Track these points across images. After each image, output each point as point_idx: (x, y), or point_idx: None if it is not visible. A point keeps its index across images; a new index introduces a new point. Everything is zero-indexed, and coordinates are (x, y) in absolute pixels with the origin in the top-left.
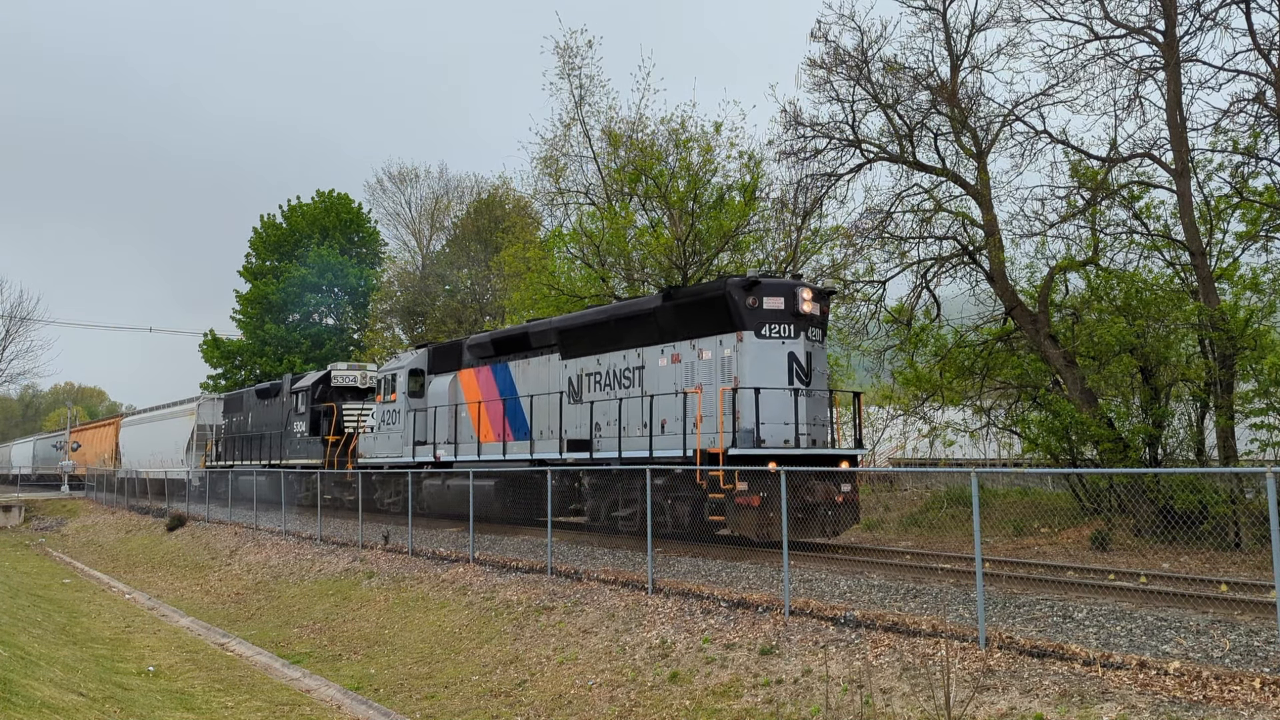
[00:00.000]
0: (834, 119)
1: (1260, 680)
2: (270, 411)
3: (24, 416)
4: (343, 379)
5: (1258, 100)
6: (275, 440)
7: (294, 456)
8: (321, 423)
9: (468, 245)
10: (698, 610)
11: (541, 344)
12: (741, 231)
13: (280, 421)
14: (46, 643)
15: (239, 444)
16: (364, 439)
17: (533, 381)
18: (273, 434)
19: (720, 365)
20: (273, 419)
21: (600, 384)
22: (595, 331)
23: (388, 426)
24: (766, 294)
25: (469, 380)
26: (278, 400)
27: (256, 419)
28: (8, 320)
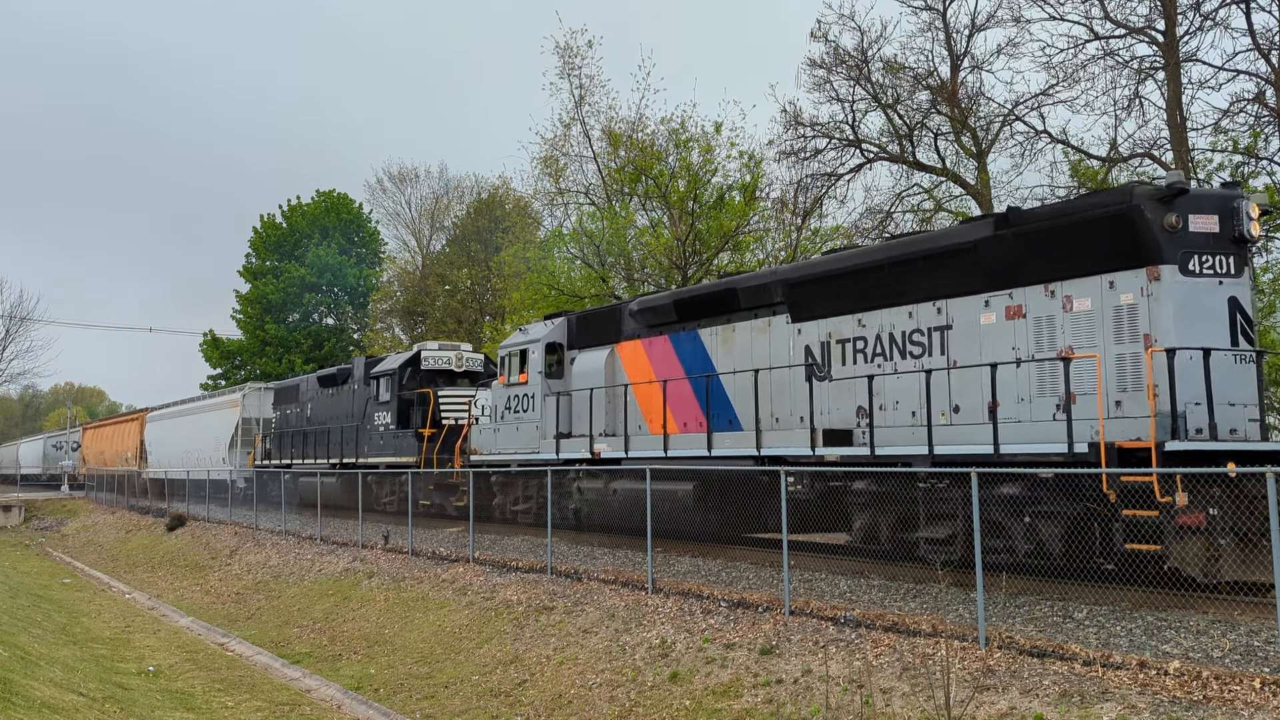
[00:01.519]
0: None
1: (1260, 680)
2: (337, 402)
3: (24, 416)
4: (434, 361)
5: (1258, 100)
6: (348, 435)
7: (375, 454)
8: (413, 413)
9: (468, 245)
10: (698, 610)
11: (756, 302)
12: (741, 231)
13: (350, 412)
14: (46, 643)
15: (295, 440)
16: (479, 431)
17: (740, 353)
18: (344, 428)
19: (1109, 318)
20: (341, 410)
21: (864, 353)
22: (855, 281)
23: (515, 415)
24: (1194, 210)
25: (634, 355)
26: (346, 388)
27: (319, 411)
28: (8, 320)
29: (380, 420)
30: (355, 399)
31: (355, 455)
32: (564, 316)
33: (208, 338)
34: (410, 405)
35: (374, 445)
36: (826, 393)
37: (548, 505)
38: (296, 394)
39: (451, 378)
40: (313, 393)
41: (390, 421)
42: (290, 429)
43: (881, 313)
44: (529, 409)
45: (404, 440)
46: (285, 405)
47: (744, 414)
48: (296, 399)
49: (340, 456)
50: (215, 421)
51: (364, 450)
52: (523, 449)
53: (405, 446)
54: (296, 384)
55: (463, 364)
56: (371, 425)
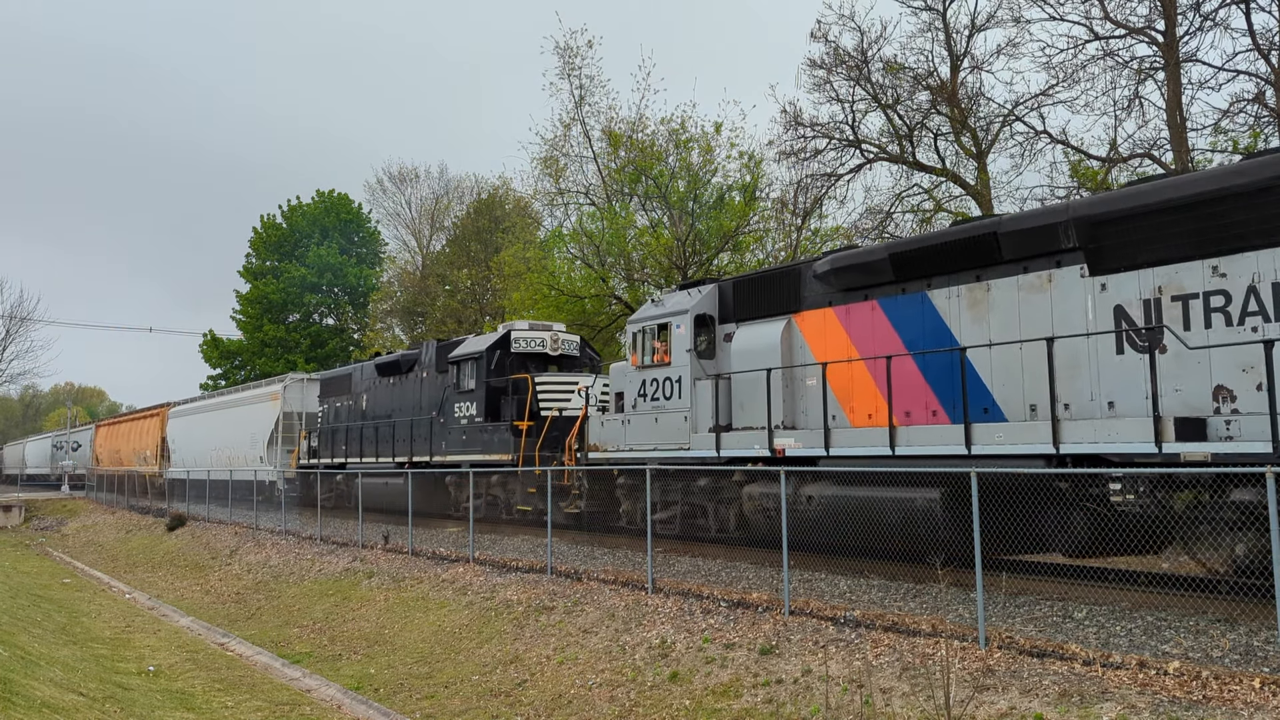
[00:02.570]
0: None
1: (1260, 680)
2: (401, 392)
3: (24, 416)
4: (526, 343)
5: (1258, 100)
6: (419, 430)
7: (456, 451)
8: (504, 404)
9: (468, 245)
10: (698, 610)
11: (1027, 251)
12: (741, 231)
13: (418, 403)
14: (46, 642)
15: (349, 436)
16: (602, 424)
17: (1000, 319)
18: (414, 421)
19: None
20: (406, 401)
21: (1226, 314)
22: (1210, 211)
23: (653, 404)
24: None
25: (822, 327)
26: (412, 377)
27: (377, 402)
28: (8, 320)
29: (462, 412)
30: (425, 388)
31: (429, 453)
32: (713, 284)
33: (207, 338)
34: (501, 394)
35: (453, 441)
36: (1164, 369)
37: (708, 515)
38: (348, 384)
39: (545, 362)
40: (369, 382)
41: (475, 413)
42: (341, 424)
43: (1258, 256)
44: (672, 396)
45: (495, 435)
46: (334, 397)
47: (1007, 399)
48: (349, 390)
49: (409, 454)
50: (251, 416)
51: (439, 446)
52: (665, 444)
53: (496, 442)
54: (348, 373)
55: (559, 346)
56: (450, 418)
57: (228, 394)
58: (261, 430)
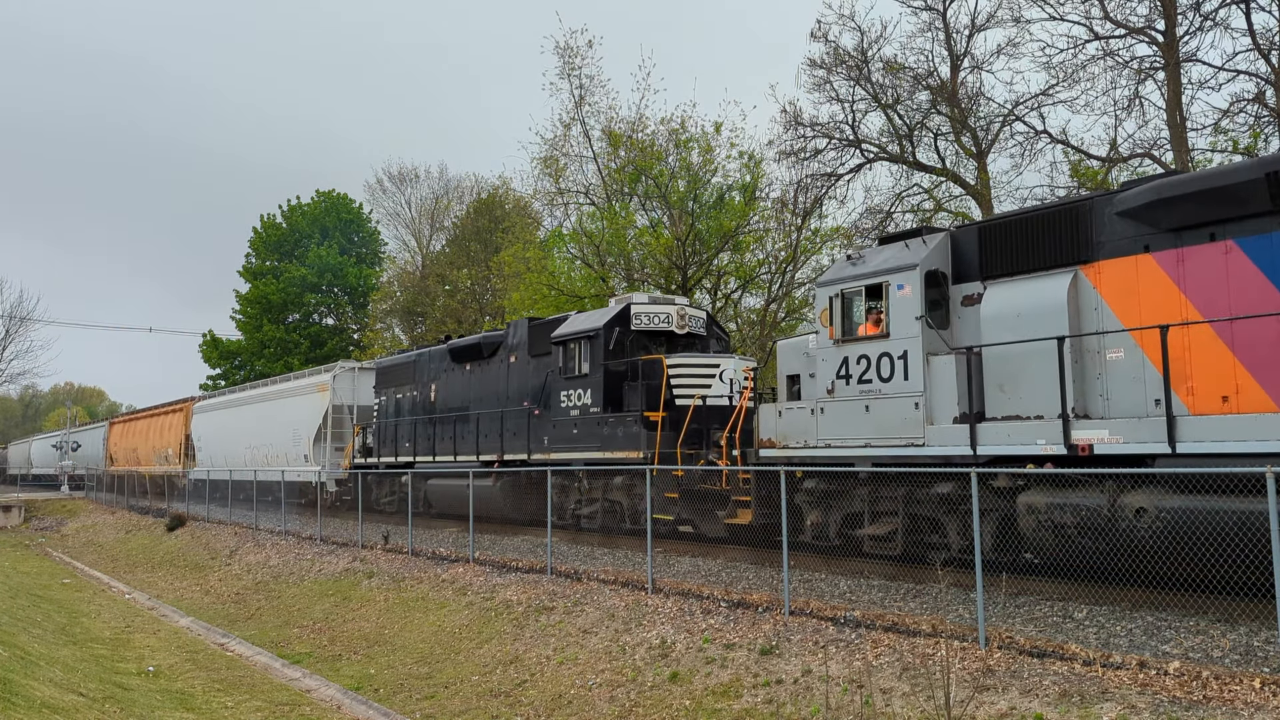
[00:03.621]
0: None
1: (1260, 680)
2: (483, 379)
3: (24, 416)
4: (649, 319)
5: (1258, 100)
6: (511, 423)
7: (563, 447)
8: (629, 391)
9: (468, 245)
10: (698, 610)
11: None
12: (741, 231)
13: (505, 393)
14: (46, 643)
15: (415, 431)
16: (778, 413)
17: None
18: (505, 413)
19: None
20: (489, 390)
21: None
22: None
23: (862, 388)
24: None
25: (1134, 280)
26: (497, 362)
27: (451, 392)
28: (8, 320)
29: (571, 401)
30: (514, 374)
31: (525, 450)
32: (941, 233)
33: (207, 338)
34: (622, 380)
35: (559, 436)
36: None
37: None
38: (411, 373)
39: (669, 341)
40: (440, 369)
41: (590, 402)
42: (403, 417)
43: None
44: (893, 377)
45: (619, 428)
46: (394, 388)
47: None
48: (412, 379)
49: (499, 452)
50: (294, 410)
51: (539, 442)
52: (884, 439)
53: (621, 437)
54: (411, 360)
55: (685, 323)
56: (553, 409)
57: (265, 386)
58: (306, 426)
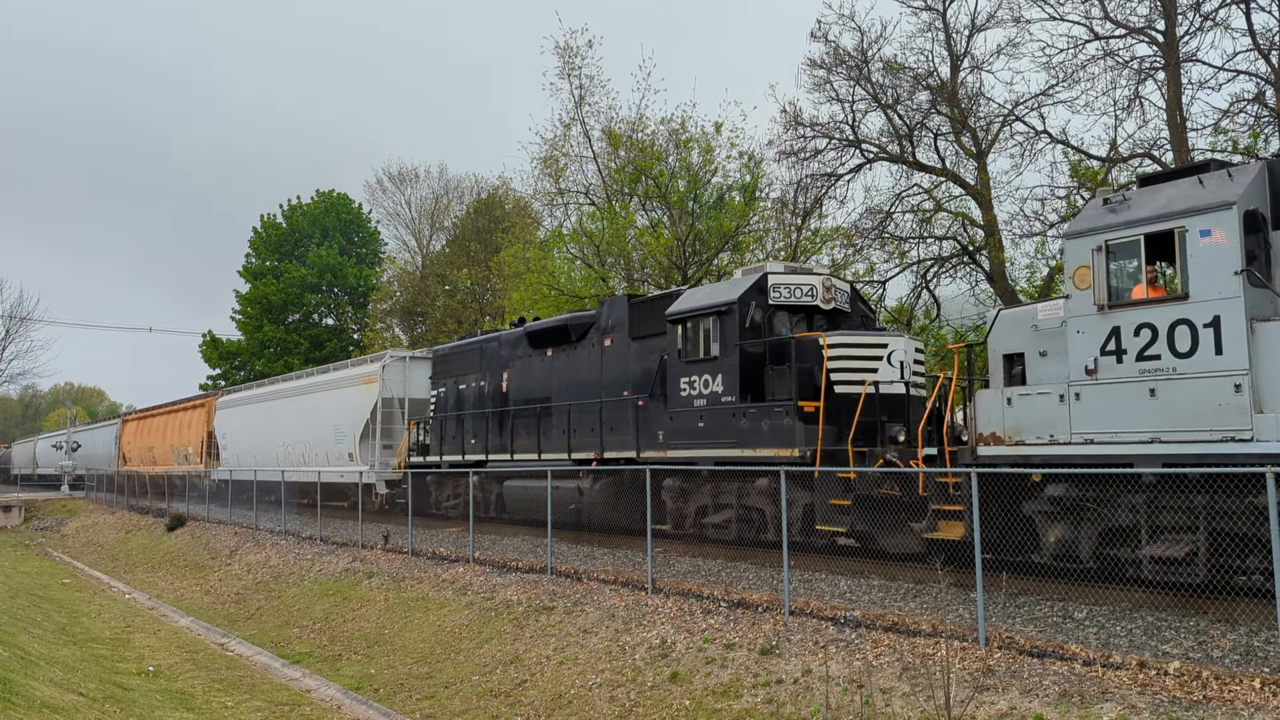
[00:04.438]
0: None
1: (1260, 680)
2: (572, 365)
3: (24, 416)
4: (790, 292)
5: (1258, 100)
6: (612, 415)
7: (684, 443)
8: (772, 376)
9: (468, 245)
10: (698, 610)
11: None
12: (741, 231)
13: (597, 381)
14: (46, 643)
15: (485, 425)
16: (1008, 401)
17: None
18: (605, 405)
19: None
20: (579, 377)
21: None
22: None
23: (1144, 365)
24: None
25: None
26: (587, 346)
27: (530, 381)
28: (8, 320)
29: (693, 389)
30: (611, 360)
31: (635, 446)
32: (1258, 165)
33: (207, 338)
34: (761, 363)
35: (678, 430)
36: None
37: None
38: (477, 361)
39: (811, 320)
40: (513, 357)
41: (721, 390)
42: (468, 411)
43: None
44: (1194, 351)
45: (764, 420)
46: (455, 378)
47: None
48: (478, 367)
49: (597, 449)
50: (336, 404)
51: (655, 438)
52: (1180, 431)
53: (767, 431)
54: (476, 347)
55: (832, 296)
56: (670, 398)
57: (301, 378)
58: (351, 421)
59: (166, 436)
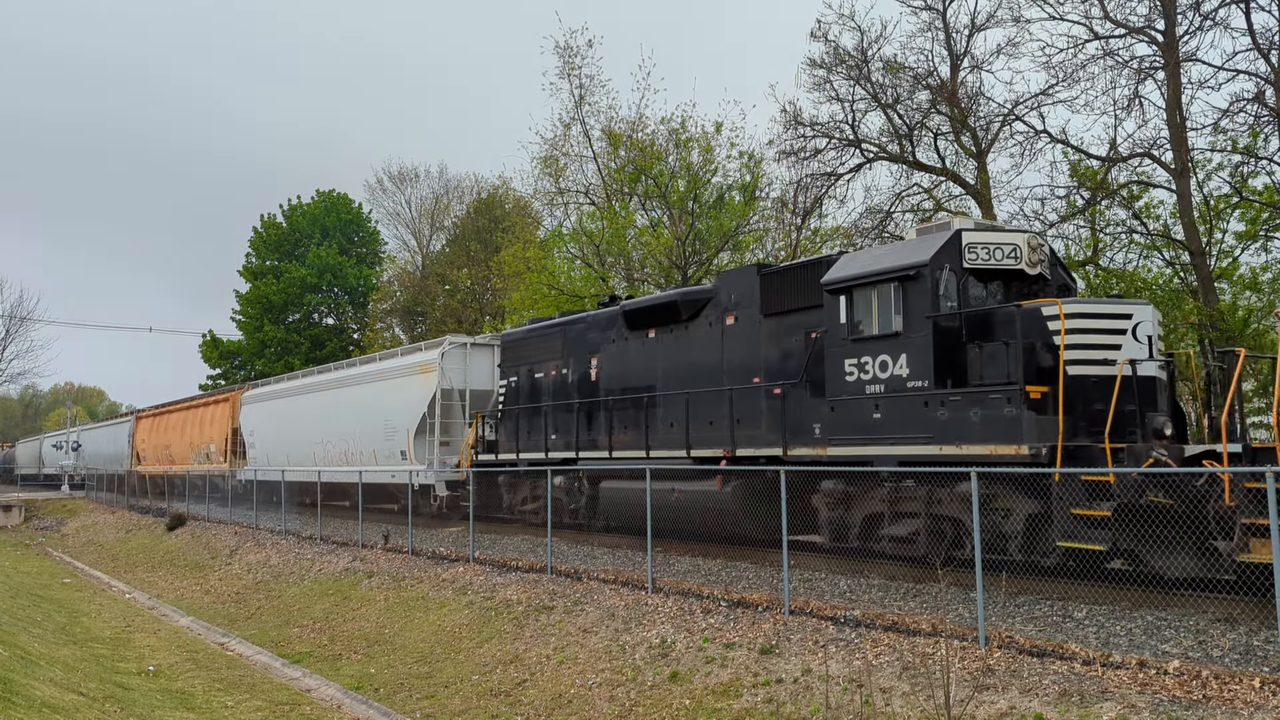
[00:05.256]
0: (834, 119)
1: (1260, 680)
2: (684, 348)
3: (24, 416)
4: (990, 253)
5: (1257, 100)
6: (744, 405)
7: (854, 438)
8: (980, 356)
9: (468, 245)
10: (698, 610)
11: None
12: (741, 231)
13: (718, 366)
14: (47, 642)
15: (569, 418)
16: None
17: None
18: (735, 393)
19: None
20: (693, 361)
21: None
22: None
23: None
24: None
25: None
26: (703, 325)
27: (627, 368)
28: (8, 320)
29: (867, 372)
30: (735, 341)
31: (780, 442)
32: None
33: (207, 338)
34: (958, 339)
35: (845, 422)
36: None
37: None
38: (560, 345)
39: (1008, 289)
40: (604, 340)
41: (907, 372)
42: (546, 403)
43: None
44: None
45: (973, 409)
46: (530, 365)
47: None
48: (560, 353)
49: (727, 445)
50: (386, 397)
51: (809, 432)
52: None
53: (978, 422)
54: (558, 329)
55: (1039, 259)
56: (835, 383)
57: (342, 369)
58: (404, 415)
59: (185, 434)
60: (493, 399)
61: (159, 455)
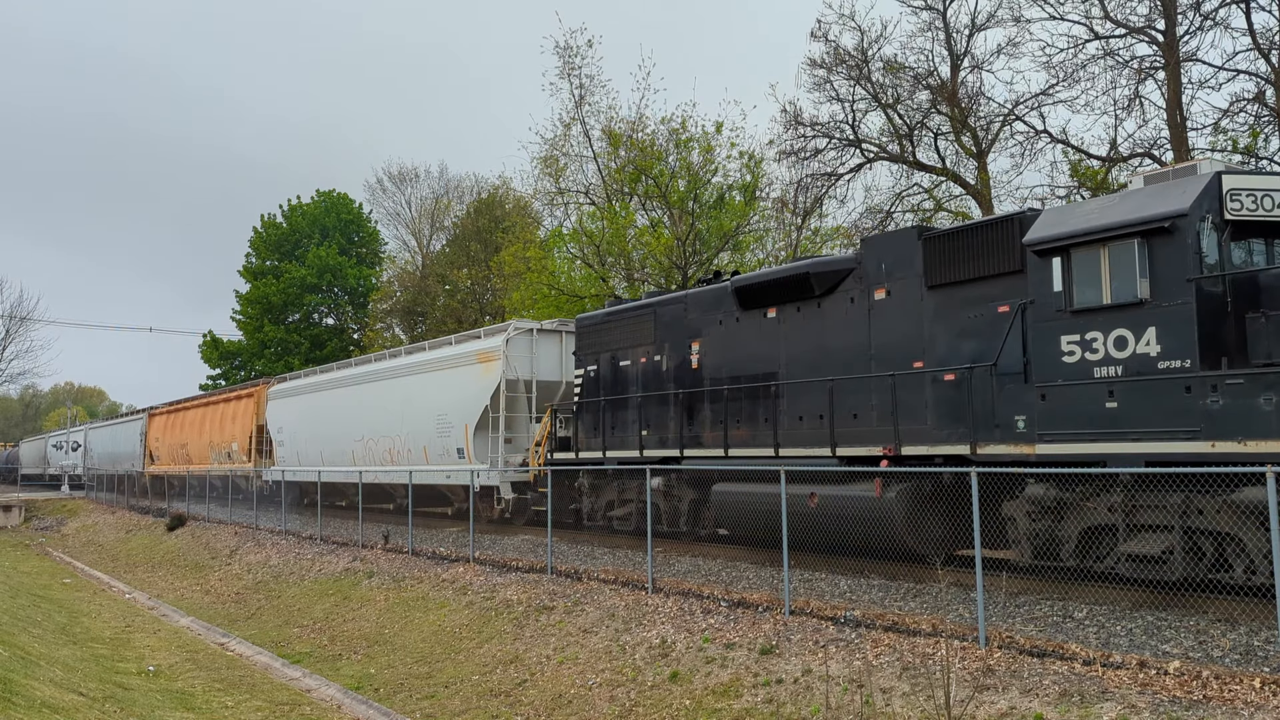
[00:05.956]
0: (834, 119)
1: (1260, 680)
2: (816, 330)
3: (24, 416)
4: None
5: (1258, 100)
6: (911, 393)
7: (1081, 431)
8: (1261, 327)
9: (468, 245)
10: (698, 610)
11: None
12: (741, 231)
13: (866, 348)
14: (47, 642)
15: (664, 411)
16: None
17: None
18: (899, 380)
19: None
20: (830, 343)
21: None
22: None
23: None
24: None
25: None
26: (840, 302)
27: (743, 352)
28: (8, 320)
29: (1094, 352)
30: (888, 318)
31: (969, 437)
32: None
33: (207, 339)
34: (1223, 309)
35: (1063, 414)
36: None
37: None
38: (653, 329)
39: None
40: (708, 320)
41: (1158, 350)
42: (635, 393)
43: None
44: None
45: (1270, 396)
46: (613, 351)
47: None
48: (652, 337)
49: (891, 442)
50: (443, 389)
51: (1010, 426)
52: None
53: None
54: (649, 311)
55: None
56: (1044, 365)
57: (386, 359)
58: (462, 409)
59: (204, 432)
60: (559, 391)
61: (174, 455)
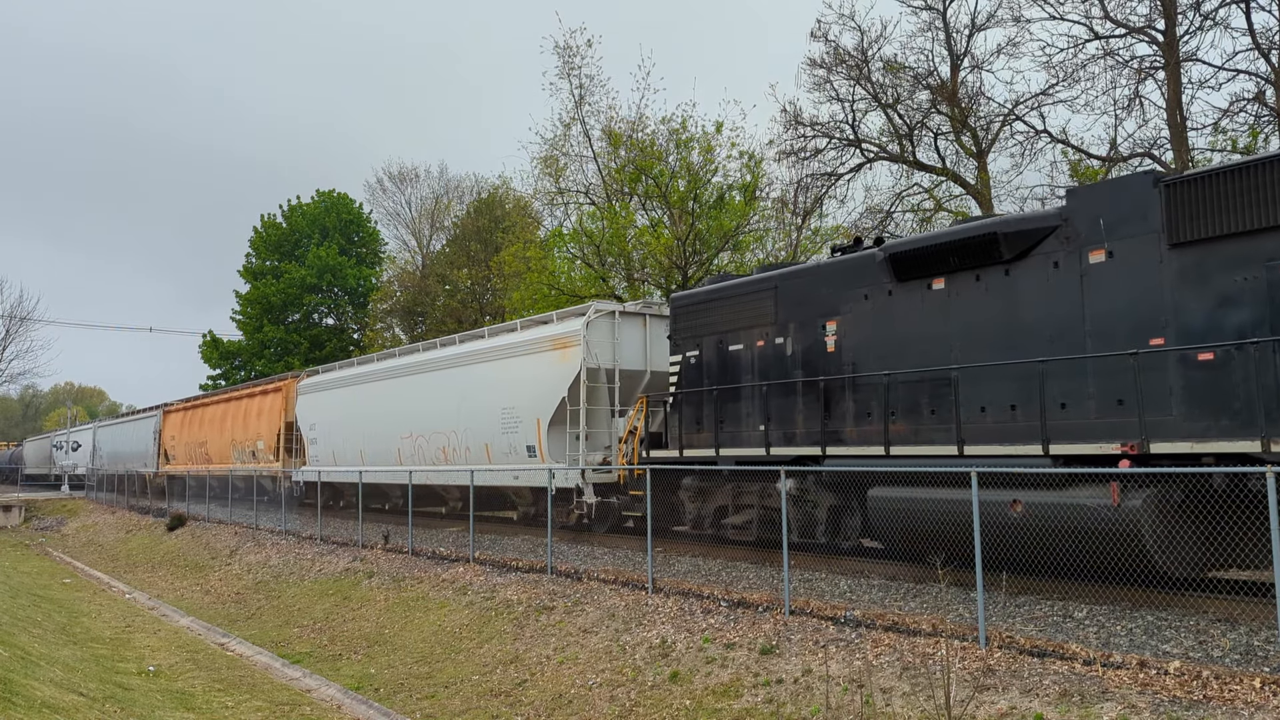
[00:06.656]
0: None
1: (1260, 680)
2: (1009, 300)
3: (24, 416)
4: None
5: (1258, 100)
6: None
7: None
8: None
9: (468, 245)
10: (698, 610)
11: None
12: (742, 231)
13: (1081, 321)
14: (47, 643)
15: (792, 404)
16: None
17: None
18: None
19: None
20: (1026, 318)
21: None
22: None
23: None
24: None
25: None
26: (1034, 266)
27: (891, 331)
28: (8, 320)
29: None
30: (1110, 286)
31: (1261, 434)
32: None
33: (207, 339)
34: None
35: None
36: None
37: None
38: (772, 307)
39: None
40: (847, 295)
41: None
42: (751, 382)
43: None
44: None
45: None
46: (719, 335)
47: None
48: (772, 317)
49: (1137, 436)
50: (511, 378)
51: None
52: None
53: None
54: (769, 286)
55: None
56: None
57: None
58: (533, 402)
59: (226, 429)
60: (643, 381)
61: (193, 454)
